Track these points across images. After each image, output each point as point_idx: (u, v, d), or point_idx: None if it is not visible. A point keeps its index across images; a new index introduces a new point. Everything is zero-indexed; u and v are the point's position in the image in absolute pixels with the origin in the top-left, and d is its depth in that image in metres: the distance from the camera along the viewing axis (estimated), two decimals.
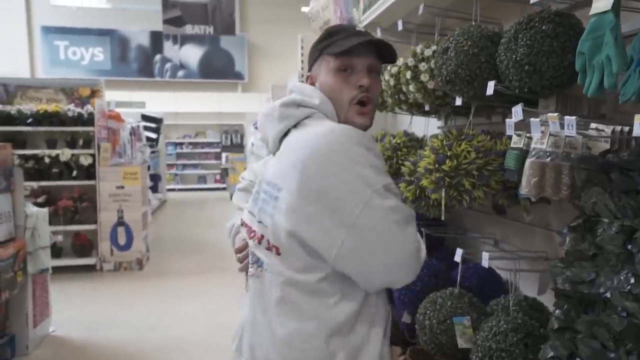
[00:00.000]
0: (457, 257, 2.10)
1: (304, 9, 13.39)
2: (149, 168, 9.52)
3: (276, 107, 1.41)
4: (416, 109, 2.51)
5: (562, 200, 1.66)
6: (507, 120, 1.78)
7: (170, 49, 13.85)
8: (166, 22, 12.23)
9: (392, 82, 2.49)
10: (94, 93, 6.61)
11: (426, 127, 2.79)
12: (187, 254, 7.22)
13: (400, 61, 2.44)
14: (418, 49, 2.28)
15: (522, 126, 1.74)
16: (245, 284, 1.59)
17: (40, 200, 5.87)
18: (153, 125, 11.36)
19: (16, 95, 6.38)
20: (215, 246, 7.57)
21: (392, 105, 2.57)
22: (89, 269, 6.11)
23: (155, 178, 10.75)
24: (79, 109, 6.18)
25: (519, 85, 1.77)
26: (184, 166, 15.83)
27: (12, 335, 3.80)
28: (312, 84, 1.47)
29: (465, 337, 1.99)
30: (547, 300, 2.06)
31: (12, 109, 6.02)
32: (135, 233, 6.10)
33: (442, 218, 2.02)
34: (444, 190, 1.99)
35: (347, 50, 1.35)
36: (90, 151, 6.09)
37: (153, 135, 11.34)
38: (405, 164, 2.35)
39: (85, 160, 6.02)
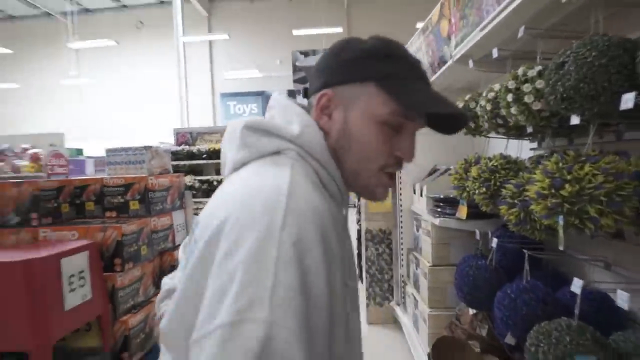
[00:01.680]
0: (576, 288, 1.32)
1: None
2: None
3: (237, 130, 0.71)
4: (514, 132, 1.76)
5: None
6: None
7: (301, 100, 13.76)
8: (295, 81, 12.24)
9: (489, 107, 1.77)
10: None
11: (519, 149, 2.00)
12: None
13: (496, 86, 1.72)
14: (520, 71, 1.55)
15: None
16: None
17: None
18: None
19: (197, 139, 6.59)
20: None
21: (489, 129, 1.83)
22: None
23: None
24: None
25: None
26: None
27: None
28: (325, 107, 0.73)
29: None
30: None
31: (194, 148, 6.46)
32: None
33: (561, 247, 1.26)
34: (561, 217, 1.23)
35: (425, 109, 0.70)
36: None
37: None
38: (506, 186, 1.63)
39: None
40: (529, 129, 1.60)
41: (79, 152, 4.82)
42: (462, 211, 2.21)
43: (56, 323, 2.03)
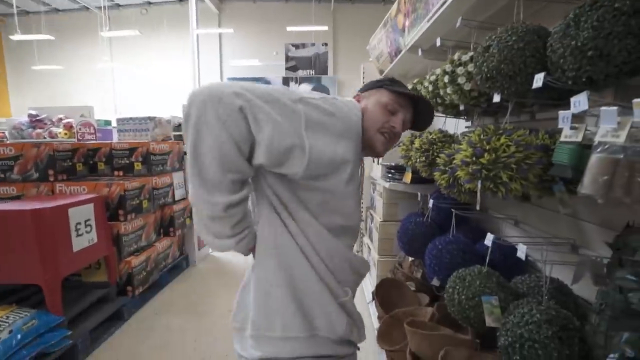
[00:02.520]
0: (488, 242, 1.25)
1: (372, 58, 12.39)
2: None
3: None
4: (451, 110, 1.64)
5: (620, 202, 0.77)
6: (562, 112, 0.91)
7: (293, 86, 13.24)
8: (287, 69, 11.82)
9: (430, 88, 1.64)
10: None
11: (456, 126, 1.89)
12: None
13: (437, 71, 1.59)
14: (455, 56, 1.41)
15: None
16: None
17: None
18: None
19: None
20: None
21: None
22: None
23: None
24: None
25: (574, 75, 0.89)
26: None
27: (186, 255, 3.47)
28: (358, 101, 0.96)
29: (494, 316, 1.17)
30: (584, 290, 1.19)
31: None
32: None
33: (478, 207, 1.17)
34: (479, 182, 1.14)
35: (403, 95, 0.92)
36: None
37: None
38: (440, 155, 1.53)
39: None
40: (462, 107, 1.49)
41: (107, 123, 4.56)
42: (407, 176, 2.12)
43: (65, 261, 1.92)
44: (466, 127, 1.95)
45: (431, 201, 1.93)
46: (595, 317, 0.99)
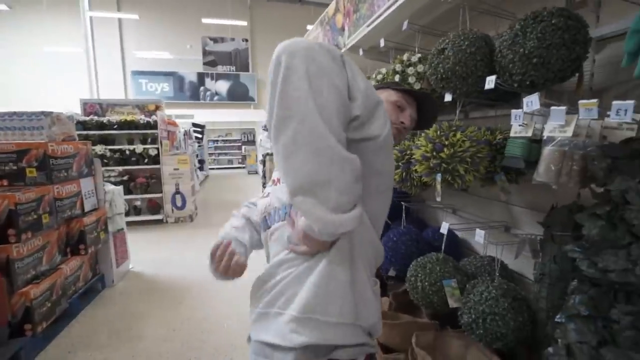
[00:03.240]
0: (444, 230, 1.36)
1: None
2: (197, 156, 8.65)
3: None
4: None
5: (562, 185, 0.92)
6: (514, 110, 1.03)
7: (209, 83, 12.38)
8: (205, 64, 11.09)
9: None
10: (157, 108, 5.62)
11: None
12: (222, 210, 6.20)
13: (383, 70, 1.65)
14: (404, 57, 1.48)
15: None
16: None
17: (125, 178, 4.95)
18: (199, 129, 10.22)
19: (107, 110, 5.41)
20: (239, 204, 6.67)
21: None
22: (158, 222, 5.17)
23: (201, 162, 9.72)
24: (147, 118, 5.20)
25: (520, 79, 1.02)
26: (219, 154, 14.56)
27: (102, 274, 2.97)
28: None
29: (455, 297, 1.28)
30: (517, 264, 1.37)
31: (105, 119, 5.16)
32: (187, 198, 5.18)
33: (439, 199, 1.26)
34: (439, 175, 1.22)
35: (410, 93, 0.95)
36: (156, 146, 5.12)
37: (200, 136, 10.21)
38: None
39: (152, 152, 5.06)
40: None
41: None
42: None
43: None
44: None
45: None
46: (536, 286, 1.16)
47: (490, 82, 1.09)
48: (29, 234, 2.01)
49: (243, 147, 13.99)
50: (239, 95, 12.76)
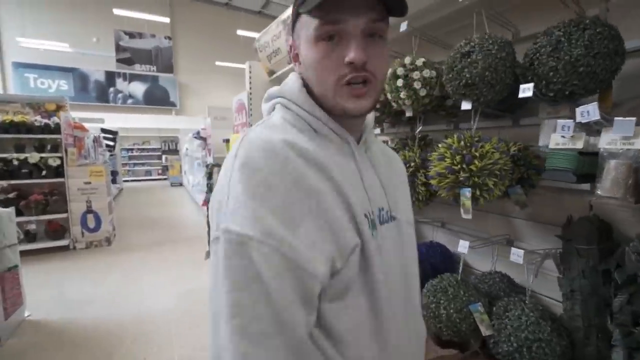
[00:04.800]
0: (463, 249, 1.25)
1: (218, 63, 11.64)
2: (109, 167, 7.40)
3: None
4: (394, 117, 1.59)
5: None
6: (561, 120, 0.95)
7: (121, 84, 10.76)
8: (119, 61, 9.67)
9: None
10: (60, 108, 4.50)
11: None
12: (145, 229, 5.29)
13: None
14: (407, 60, 1.35)
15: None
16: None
17: (11, 196, 3.85)
18: (110, 136, 8.73)
19: None
20: (164, 221, 5.83)
21: None
22: (63, 249, 4.13)
23: (114, 173, 8.32)
24: (45, 120, 4.16)
25: (560, 88, 0.96)
26: (135, 164, 12.58)
27: None
28: (296, 55, 0.59)
29: (485, 323, 1.15)
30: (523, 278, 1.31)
31: None
32: (103, 218, 4.26)
33: (469, 216, 1.14)
34: (468, 190, 1.11)
35: (328, 3, 0.49)
36: (58, 154, 4.11)
37: (111, 143, 8.67)
38: None
39: (54, 162, 4.03)
40: (408, 114, 1.44)
41: None
42: None
43: None
44: (377, 134, 1.96)
45: None
46: (567, 304, 1.11)
47: (526, 90, 1.01)
48: None
49: (164, 156, 12.38)
50: (157, 100, 11.48)
